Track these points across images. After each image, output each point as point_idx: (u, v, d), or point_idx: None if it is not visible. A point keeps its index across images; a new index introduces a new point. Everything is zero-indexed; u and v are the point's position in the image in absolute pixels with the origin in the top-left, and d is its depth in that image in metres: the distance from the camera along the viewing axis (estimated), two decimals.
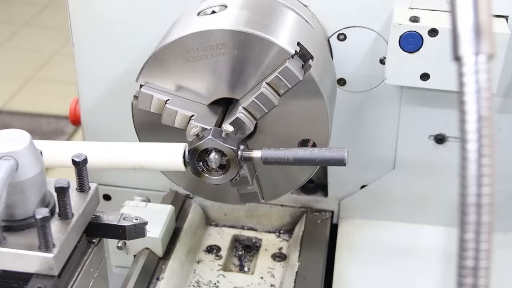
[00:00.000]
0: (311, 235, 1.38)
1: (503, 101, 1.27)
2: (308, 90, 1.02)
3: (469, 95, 0.58)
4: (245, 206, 1.44)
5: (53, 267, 0.72)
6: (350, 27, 1.24)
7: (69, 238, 0.75)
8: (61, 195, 0.75)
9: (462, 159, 0.58)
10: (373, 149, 1.36)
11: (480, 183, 0.57)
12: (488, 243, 0.58)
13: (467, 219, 0.58)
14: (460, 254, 0.59)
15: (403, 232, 1.41)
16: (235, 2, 1.09)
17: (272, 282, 1.33)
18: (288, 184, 1.13)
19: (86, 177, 0.81)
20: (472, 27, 0.58)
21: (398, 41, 1.16)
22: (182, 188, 1.18)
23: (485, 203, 0.57)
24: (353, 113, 1.32)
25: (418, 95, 1.28)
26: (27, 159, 0.73)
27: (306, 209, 1.45)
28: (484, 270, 0.58)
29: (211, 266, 1.37)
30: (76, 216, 0.77)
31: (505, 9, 1.17)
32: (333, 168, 1.39)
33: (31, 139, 0.74)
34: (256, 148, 1.07)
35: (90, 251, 0.83)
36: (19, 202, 0.74)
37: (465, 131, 0.58)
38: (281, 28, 1.07)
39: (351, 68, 1.27)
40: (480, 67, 0.58)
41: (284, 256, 1.39)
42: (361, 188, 1.42)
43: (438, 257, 1.34)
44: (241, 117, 1.01)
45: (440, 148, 1.33)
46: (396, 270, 1.34)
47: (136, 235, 0.85)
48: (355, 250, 1.38)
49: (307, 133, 1.06)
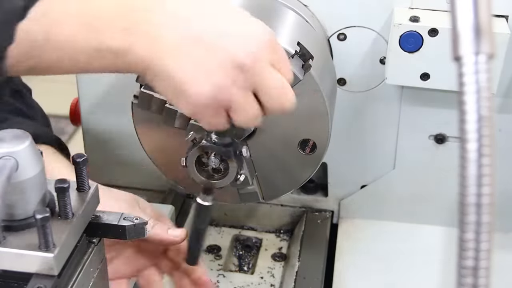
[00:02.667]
0: (311, 235, 1.38)
1: (503, 101, 1.27)
2: (308, 90, 1.02)
3: (469, 95, 0.58)
4: (245, 206, 1.44)
5: (53, 267, 0.72)
6: (350, 27, 1.24)
7: (69, 238, 0.75)
8: (61, 195, 0.75)
9: (462, 159, 0.58)
10: (373, 149, 1.36)
11: (480, 183, 0.57)
12: (488, 243, 0.58)
13: (467, 219, 0.58)
14: (460, 254, 0.59)
15: (403, 232, 1.41)
16: (235, 2, 1.09)
17: (272, 282, 1.33)
18: (288, 184, 1.13)
19: (86, 177, 0.81)
20: (472, 27, 0.58)
21: (398, 41, 1.16)
22: (182, 188, 1.18)
23: (485, 203, 0.57)
24: (353, 113, 1.32)
25: (418, 95, 1.28)
26: (27, 159, 0.73)
27: (306, 209, 1.45)
28: (484, 270, 0.58)
29: (211, 266, 1.37)
30: (76, 216, 0.77)
31: (505, 9, 1.17)
32: (333, 168, 1.39)
33: (31, 139, 0.74)
34: (256, 148, 1.07)
35: (90, 251, 0.83)
36: (19, 202, 0.74)
37: (465, 131, 0.58)
38: (281, 28, 1.07)
39: (351, 68, 1.27)
40: (480, 67, 0.58)
41: (284, 256, 1.39)
42: (361, 188, 1.41)
43: (438, 257, 1.34)
44: None
45: (440, 148, 1.33)
46: (396, 270, 1.34)
47: (136, 235, 0.85)
48: (355, 250, 1.37)
49: (307, 133, 1.06)
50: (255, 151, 1.08)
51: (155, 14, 0.79)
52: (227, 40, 0.80)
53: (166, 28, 0.78)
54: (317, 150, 1.07)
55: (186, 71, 0.79)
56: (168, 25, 0.79)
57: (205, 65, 0.78)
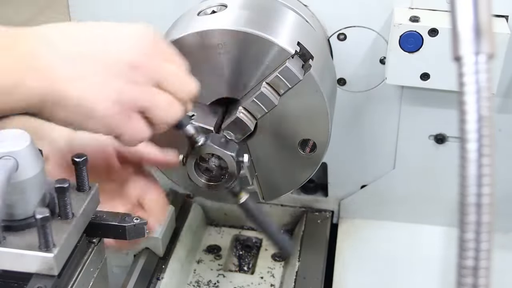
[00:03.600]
0: (311, 235, 1.38)
1: (503, 101, 1.27)
2: (308, 90, 1.02)
3: (469, 95, 0.58)
4: None
5: (53, 267, 0.72)
6: (350, 27, 1.24)
7: (69, 238, 0.75)
8: (61, 195, 0.75)
9: (462, 159, 0.58)
10: (373, 149, 1.36)
11: (480, 183, 0.57)
12: (488, 243, 0.58)
13: (467, 219, 0.58)
14: (460, 254, 0.59)
15: (403, 232, 1.41)
16: (235, 2, 1.09)
17: (272, 282, 1.33)
18: (288, 184, 1.13)
19: (86, 177, 0.81)
20: (472, 27, 0.58)
21: (398, 41, 1.16)
22: (182, 188, 1.18)
23: (485, 203, 0.57)
24: (353, 113, 1.32)
25: (418, 95, 1.28)
26: (27, 159, 0.73)
27: (306, 209, 1.45)
28: (484, 270, 0.58)
29: (211, 266, 1.37)
30: (76, 216, 0.77)
31: (505, 9, 1.17)
32: (333, 168, 1.39)
33: (31, 139, 0.74)
34: (256, 148, 1.07)
35: (90, 251, 0.83)
36: (19, 202, 0.74)
37: (465, 131, 0.58)
38: (281, 28, 1.07)
39: (351, 68, 1.27)
40: (480, 67, 0.58)
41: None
42: (361, 188, 1.42)
43: (438, 257, 1.34)
44: (241, 117, 1.01)
45: (440, 148, 1.33)
46: (396, 269, 1.34)
47: (136, 235, 0.85)
48: (355, 250, 1.38)
49: (307, 133, 1.06)
50: (255, 151, 1.08)
51: (39, 42, 0.76)
52: (113, 44, 0.79)
53: (52, 53, 0.76)
54: (317, 150, 1.07)
55: (85, 87, 0.77)
56: (54, 50, 0.76)
57: (100, 75, 0.77)
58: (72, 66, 0.77)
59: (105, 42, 0.80)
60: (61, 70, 0.76)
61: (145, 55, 0.80)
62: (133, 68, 0.79)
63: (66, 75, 0.76)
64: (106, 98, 0.78)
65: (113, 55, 0.78)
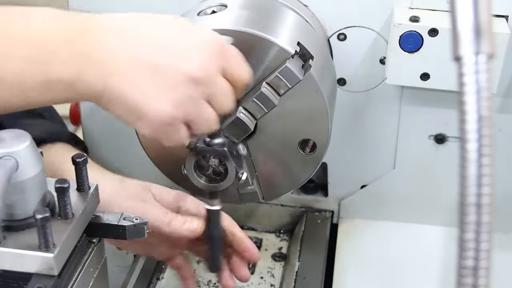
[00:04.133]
0: (311, 235, 1.38)
1: (503, 101, 1.27)
2: (308, 90, 1.02)
3: (469, 95, 0.58)
4: (245, 206, 1.44)
5: (53, 267, 0.72)
6: (350, 27, 1.24)
7: (69, 238, 0.75)
8: (61, 195, 0.75)
9: (462, 159, 0.58)
10: (373, 149, 1.36)
11: (480, 183, 0.57)
12: (488, 243, 0.58)
13: (467, 219, 0.58)
14: (460, 254, 0.59)
15: (403, 232, 1.41)
16: (235, 2, 1.09)
17: (272, 282, 1.33)
18: (288, 184, 1.13)
19: (86, 177, 0.81)
20: (472, 27, 0.58)
21: (398, 41, 1.16)
22: (182, 188, 1.18)
23: (485, 203, 0.58)
24: (353, 113, 1.32)
25: (418, 95, 1.28)
26: (27, 159, 0.73)
27: (306, 209, 1.45)
28: (484, 270, 0.58)
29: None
30: (76, 216, 0.77)
31: (505, 9, 1.17)
32: (333, 168, 1.39)
33: (31, 139, 0.74)
34: (256, 148, 1.07)
35: (90, 251, 0.83)
36: (19, 202, 0.74)
37: (465, 131, 0.58)
38: (281, 28, 1.07)
39: (351, 68, 1.27)
40: (480, 67, 0.58)
41: (284, 256, 1.39)
42: (361, 188, 1.41)
43: (438, 257, 1.34)
44: (241, 117, 1.01)
45: (440, 148, 1.33)
46: (396, 270, 1.34)
47: (136, 235, 0.85)
48: (355, 250, 1.38)
49: (307, 133, 1.06)
50: (255, 151, 1.08)
51: (103, 36, 0.78)
52: (178, 55, 0.80)
53: (115, 50, 0.77)
54: (317, 150, 1.07)
55: (142, 92, 0.78)
56: (117, 47, 0.78)
57: (160, 84, 0.78)
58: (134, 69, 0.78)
59: (172, 52, 0.80)
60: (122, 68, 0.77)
61: (206, 71, 0.80)
62: (192, 82, 0.80)
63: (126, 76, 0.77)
64: (162, 109, 0.79)
65: (176, 66, 0.79)
